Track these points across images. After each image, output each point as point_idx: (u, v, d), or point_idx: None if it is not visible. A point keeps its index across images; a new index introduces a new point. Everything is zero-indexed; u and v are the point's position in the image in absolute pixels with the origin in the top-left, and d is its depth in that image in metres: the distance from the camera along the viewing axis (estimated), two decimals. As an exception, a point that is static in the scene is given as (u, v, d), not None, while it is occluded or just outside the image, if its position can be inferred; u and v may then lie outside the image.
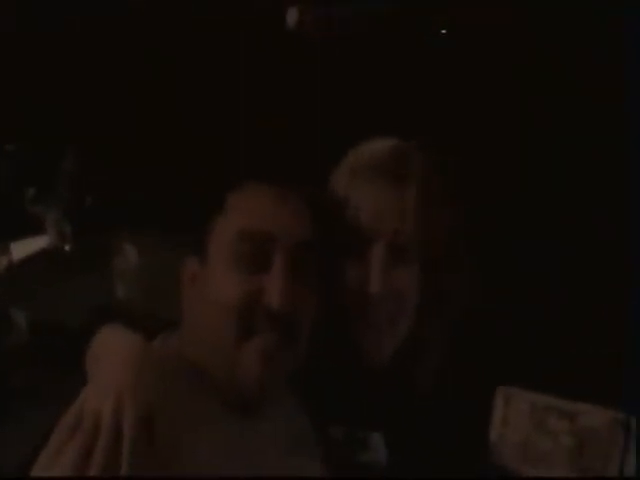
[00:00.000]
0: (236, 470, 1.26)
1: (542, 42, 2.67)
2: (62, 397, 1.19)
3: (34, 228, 2.57)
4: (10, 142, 2.68)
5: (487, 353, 1.73)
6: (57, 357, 1.55)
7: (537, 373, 1.90)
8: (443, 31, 1.44)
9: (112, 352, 1.24)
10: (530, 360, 1.93)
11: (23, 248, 2.48)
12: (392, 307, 1.50)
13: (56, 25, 2.81)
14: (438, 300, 1.54)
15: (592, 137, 2.61)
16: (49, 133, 2.78)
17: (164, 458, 1.15)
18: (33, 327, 1.85)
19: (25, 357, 1.71)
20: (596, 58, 2.55)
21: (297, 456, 1.41)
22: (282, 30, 2.60)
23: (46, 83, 2.80)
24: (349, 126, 1.60)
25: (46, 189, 2.65)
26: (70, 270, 2.38)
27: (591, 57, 2.57)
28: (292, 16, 2.65)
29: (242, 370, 1.29)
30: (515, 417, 1.75)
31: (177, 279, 1.41)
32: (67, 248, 2.53)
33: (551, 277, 2.52)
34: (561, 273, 2.53)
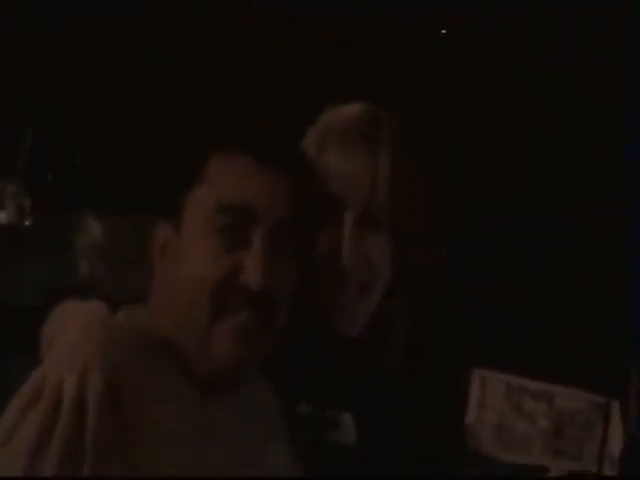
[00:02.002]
0: (205, 450, 1.19)
1: (542, 42, 2.65)
2: (14, 380, 1.12)
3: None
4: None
5: (460, 333, 1.68)
6: (9, 338, 1.47)
7: (511, 354, 1.86)
8: (443, 31, 1.39)
9: (73, 319, 1.16)
10: (504, 341, 1.89)
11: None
12: (363, 278, 1.42)
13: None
14: (407, 271, 1.48)
15: (591, 136, 2.60)
16: (7, 107, 2.69)
17: (131, 433, 1.07)
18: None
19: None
20: (596, 58, 2.54)
21: (266, 437, 1.34)
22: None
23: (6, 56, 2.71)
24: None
25: (4, 164, 2.56)
26: (29, 247, 2.29)
27: (591, 57, 2.56)
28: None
29: (215, 348, 1.21)
30: (491, 399, 1.71)
31: (143, 254, 1.33)
32: (27, 223, 2.45)
33: (526, 253, 2.50)
34: (536, 249, 2.50)
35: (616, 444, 1.52)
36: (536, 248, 2.52)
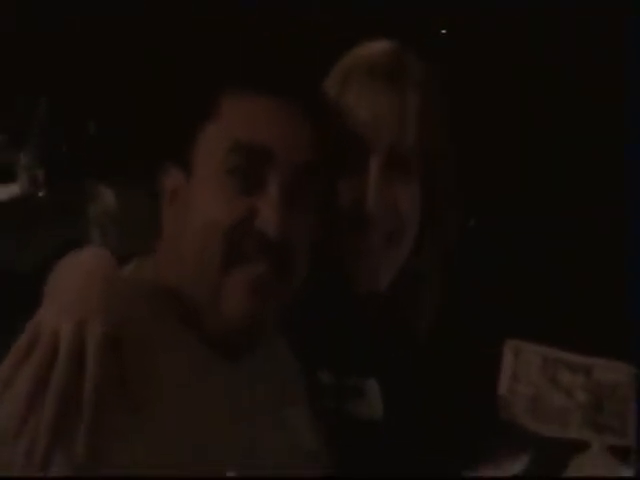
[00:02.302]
0: (214, 415, 1.09)
1: (542, 42, 2.57)
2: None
3: (6, 176, 2.41)
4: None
5: (493, 298, 1.57)
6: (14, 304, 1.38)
7: (546, 324, 1.75)
8: (443, 31, 1.29)
9: (75, 266, 1.07)
10: (539, 310, 1.78)
11: (-7, 196, 2.33)
12: (390, 227, 1.31)
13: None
14: (437, 224, 1.36)
15: (591, 136, 2.52)
16: (22, 79, 2.62)
17: (133, 386, 0.98)
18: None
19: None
20: (596, 58, 2.46)
21: (283, 401, 1.24)
22: None
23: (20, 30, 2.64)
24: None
25: (18, 135, 2.49)
26: (43, 217, 2.21)
27: (591, 57, 2.48)
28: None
29: (227, 301, 1.11)
30: (525, 371, 1.60)
31: (156, 223, 1.23)
32: (40, 194, 2.37)
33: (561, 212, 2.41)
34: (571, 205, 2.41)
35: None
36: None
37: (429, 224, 1.35)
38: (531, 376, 1.59)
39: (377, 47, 1.37)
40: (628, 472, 1.37)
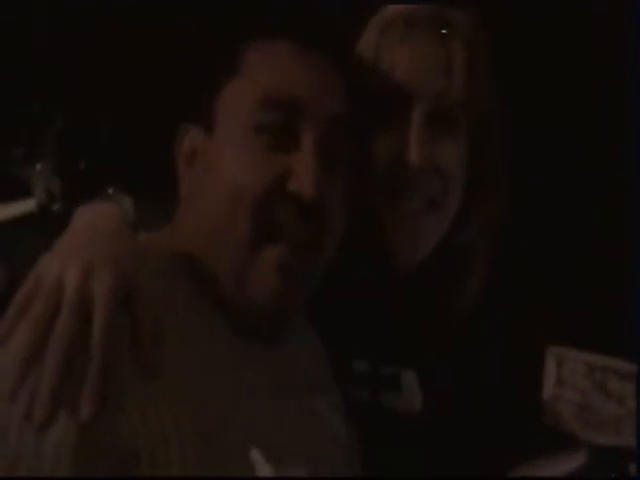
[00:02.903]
0: (234, 397, 0.97)
1: (542, 42, 2.52)
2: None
3: (22, 191, 2.34)
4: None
5: (541, 284, 1.45)
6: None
7: (592, 331, 1.63)
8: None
9: (84, 216, 0.97)
10: (583, 317, 1.67)
11: (8, 210, 2.24)
12: (433, 187, 1.19)
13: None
14: (484, 187, 1.24)
15: (592, 136, 2.46)
16: (39, 91, 2.56)
17: (146, 351, 0.86)
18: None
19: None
20: (596, 58, 2.41)
21: (312, 395, 1.12)
22: None
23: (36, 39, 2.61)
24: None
25: (35, 148, 2.42)
26: (58, 231, 2.12)
27: (591, 57, 2.43)
28: None
29: (254, 280, 0.99)
30: (571, 378, 1.48)
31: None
32: (55, 208, 2.29)
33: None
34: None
35: None
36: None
37: (476, 188, 1.23)
38: (577, 383, 1.49)
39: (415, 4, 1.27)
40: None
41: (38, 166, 2.34)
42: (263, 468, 0.91)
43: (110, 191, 2.16)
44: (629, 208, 1.88)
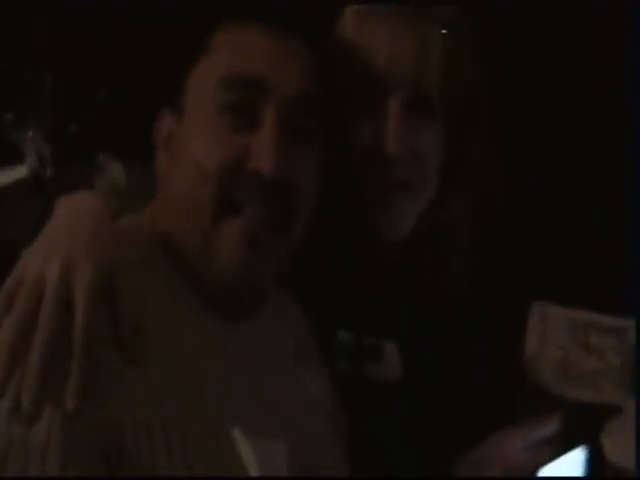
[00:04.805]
0: (218, 379, 1.00)
1: (542, 42, 2.49)
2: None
3: (13, 157, 2.35)
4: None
5: (519, 258, 1.48)
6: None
7: (575, 287, 1.66)
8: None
9: (67, 210, 0.99)
10: (566, 270, 1.69)
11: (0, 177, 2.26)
12: (411, 172, 1.22)
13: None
14: (462, 169, 1.26)
15: (592, 136, 2.45)
16: (28, 54, 2.55)
17: (127, 339, 0.89)
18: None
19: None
20: (596, 58, 2.39)
21: (295, 366, 1.15)
22: None
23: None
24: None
25: (25, 114, 2.43)
26: (51, 195, 2.13)
27: (591, 57, 2.40)
28: None
29: (219, 253, 1.02)
30: (553, 334, 1.52)
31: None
32: (48, 173, 2.31)
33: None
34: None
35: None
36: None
37: (455, 171, 1.25)
38: (560, 339, 1.52)
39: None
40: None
41: (30, 132, 2.35)
42: (244, 446, 0.95)
43: (101, 157, 2.17)
44: (629, 208, 1.90)
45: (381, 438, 1.21)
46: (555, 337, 1.52)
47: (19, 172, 2.32)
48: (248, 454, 0.95)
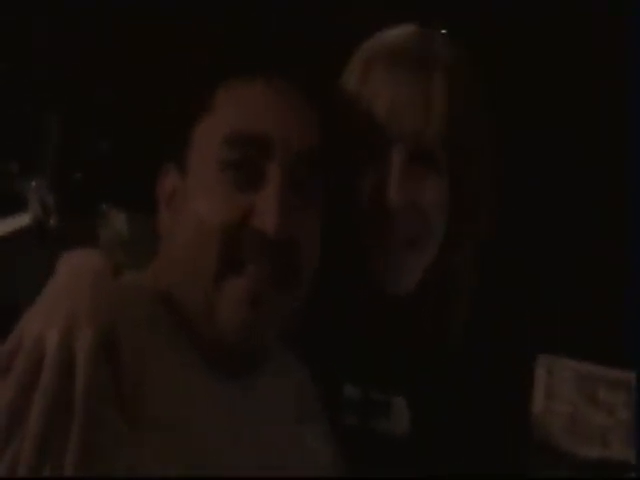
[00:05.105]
0: (221, 441, 0.98)
1: (542, 42, 2.51)
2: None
3: (17, 206, 2.35)
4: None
5: (526, 306, 1.47)
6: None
7: (583, 340, 1.64)
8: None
9: (68, 269, 0.98)
10: (572, 324, 1.67)
11: (3, 225, 2.26)
12: (414, 227, 1.19)
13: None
14: (467, 221, 1.25)
15: (592, 136, 2.45)
16: (33, 103, 2.57)
17: (129, 402, 0.88)
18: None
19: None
20: (596, 58, 2.40)
21: (298, 425, 1.13)
22: None
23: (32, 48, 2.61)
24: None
25: (29, 162, 2.43)
26: (54, 245, 2.13)
27: (591, 57, 2.42)
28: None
29: (222, 313, 1.00)
30: (561, 388, 1.49)
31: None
32: (51, 222, 2.30)
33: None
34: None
35: None
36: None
37: (460, 221, 1.24)
38: (567, 393, 1.49)
39: (400, 31, 1.28)
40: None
41: (34, 182, 2.35)
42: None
43: (104, 207, 2.17)
44: (629, 208, 1.89)
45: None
46: (562, 391, 1.50)
47: (22, 220, 2.32)
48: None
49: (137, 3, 2.49)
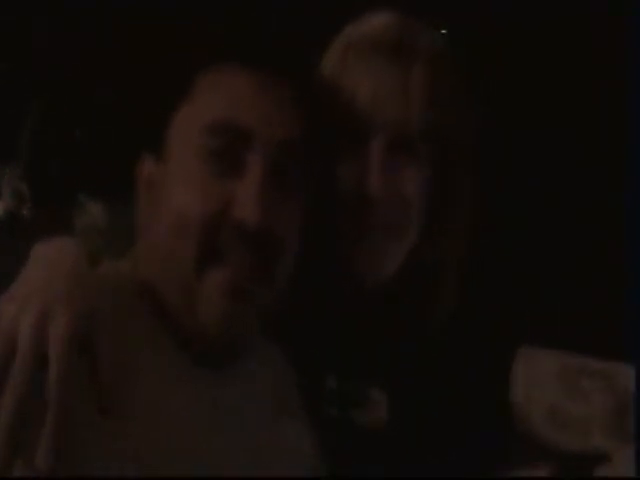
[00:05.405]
0: (201, 432, 0.97)
1: (542, 42, 2.50)
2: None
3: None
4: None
5: (509, 298, 1.46)
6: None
7: (562, 330, 1.64)
8: (443, 31, 1.21)
9: (42, 256, 0.95)
10: (553, 315, 1.67)
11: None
12: (394, 214, 1.18)
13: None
14: (447, 209, 1.24)
15: (592, 136, 2.46)
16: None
17: (105, 390, 0.85)
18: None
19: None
20: (596, 58, 2.40)
21: (279, 418, 1.11)
22: None
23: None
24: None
25: (3, 151, 2.40)
26: (28, 236, 2.10)
27: (591, 57, 2.42)
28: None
29: (202, 304, 0.98)
30: (541, 378, 1.49)
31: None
32: (25, 212, 2.27)
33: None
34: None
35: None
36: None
37: (441, 211, 1.23)
38: (547, 384, 1.49)
39: (380, 20, 1.26)
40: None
41: (7, 169, 2.32)
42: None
43: (81, 197, 2.14)
44: (629, 208, 1.89)
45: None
46: (543, 381, 1.49)
47: (-5, 210, 2.28)
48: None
49: (137, 3, 2.47)
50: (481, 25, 2.32)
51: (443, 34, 1.31)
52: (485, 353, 1.33)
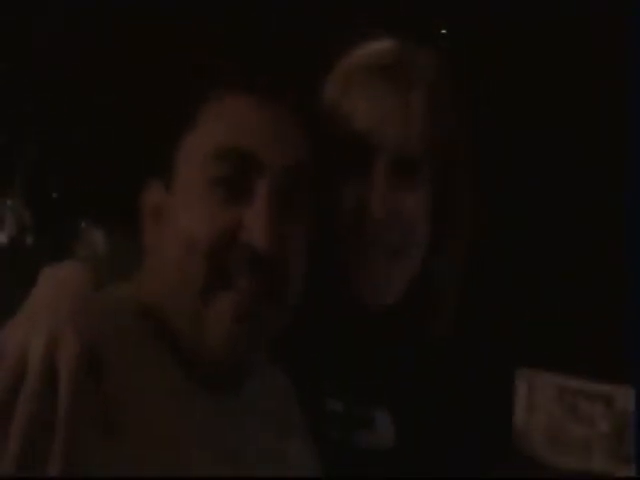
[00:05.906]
0: (204, 453, 0.97)
1: (542, 42, 2.52)
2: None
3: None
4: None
5: (510, 316, 1.47)
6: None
7: (562, 353, 1.65)
8: (443, 31, 1.24)
9: (49, 280, 0.97)
10: (552, 338, 1.68)
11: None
12: (398, 237, 1.21)
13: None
14: (448, 225, 1.25)
15: (592, 136, 2.46)
16: (9, 121, 2.55)
17: (111, 414, 0.87)
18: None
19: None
20: (596, 58, 2.42)
21: (282, 440, 1.12)
22: None
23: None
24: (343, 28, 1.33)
25: (6, 181, 2.42)
26: (31, 263, 2.11)
27: (591, 57, 2.43)
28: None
29: (209, 330, 0.99)
30: (542, 401, 1.50)
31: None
32: (28, 240, 2.28)
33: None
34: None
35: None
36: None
37: (443, 229, 1.25)
38: (547, 406, 1.50)
39: (379, 46, 1.29)
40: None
41: (9, 201, 2.33)
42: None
43: (82, 224, 2.16)
44: (628, 208, 1.90)
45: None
46: (543, 404, 1.50)
47: (-1, 239, 2.30)
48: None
49: (137, 3, 2.49)
50: (481, 25, 2.34)
51: (443, 34, 1.33)
52: (486, 375, 1.34)
